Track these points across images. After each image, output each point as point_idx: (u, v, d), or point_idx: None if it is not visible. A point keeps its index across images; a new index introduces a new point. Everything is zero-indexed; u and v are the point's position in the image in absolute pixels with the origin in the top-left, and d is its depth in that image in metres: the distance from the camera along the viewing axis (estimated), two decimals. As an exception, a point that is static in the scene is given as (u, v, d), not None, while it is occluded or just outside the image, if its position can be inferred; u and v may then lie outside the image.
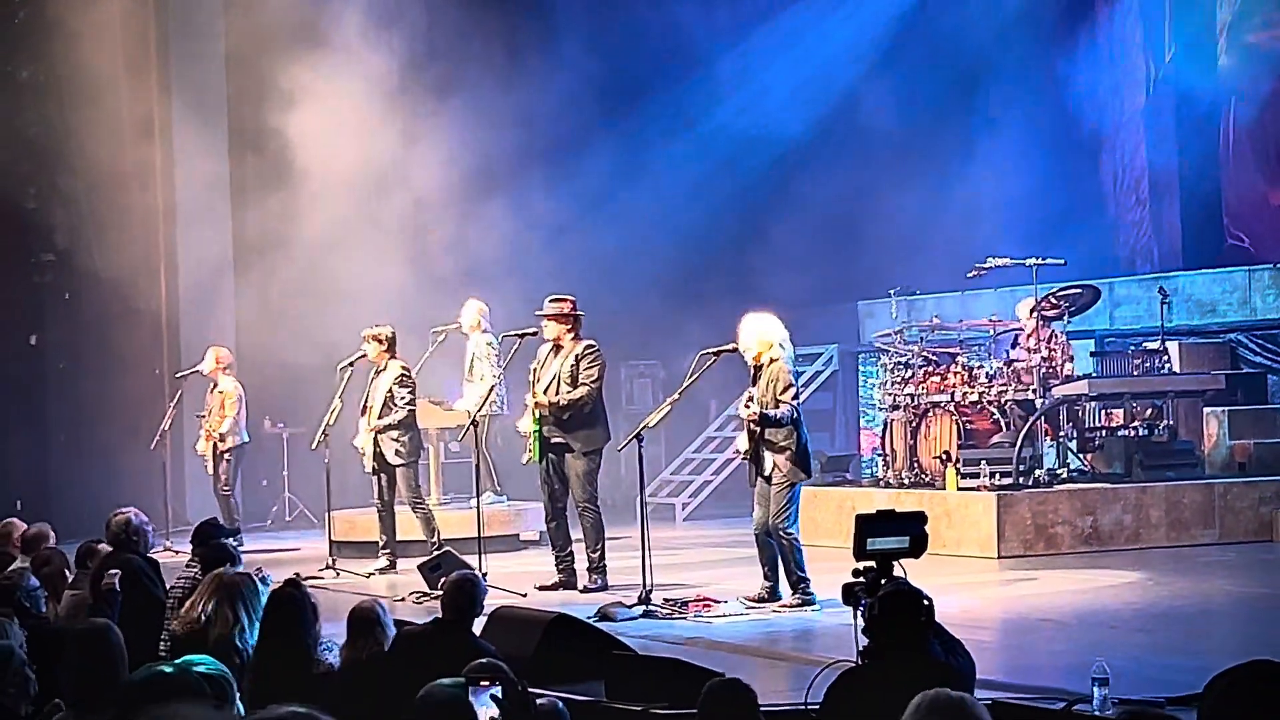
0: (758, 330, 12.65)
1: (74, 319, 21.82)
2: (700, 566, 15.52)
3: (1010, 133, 22.44)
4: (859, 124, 23.00)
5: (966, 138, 22.25)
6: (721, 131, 22.93)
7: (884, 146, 22.77)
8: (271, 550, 17.88)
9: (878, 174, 22.61)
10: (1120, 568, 14.36)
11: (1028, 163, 22.24)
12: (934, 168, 22.35)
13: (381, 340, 15.95)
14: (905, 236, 21.90)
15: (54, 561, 11.20)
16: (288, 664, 7.80)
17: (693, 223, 22.66)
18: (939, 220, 21.48)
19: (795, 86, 22.88)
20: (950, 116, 22.65)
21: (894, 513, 7.56)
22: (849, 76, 23.05)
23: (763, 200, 22.92)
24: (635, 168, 22.48)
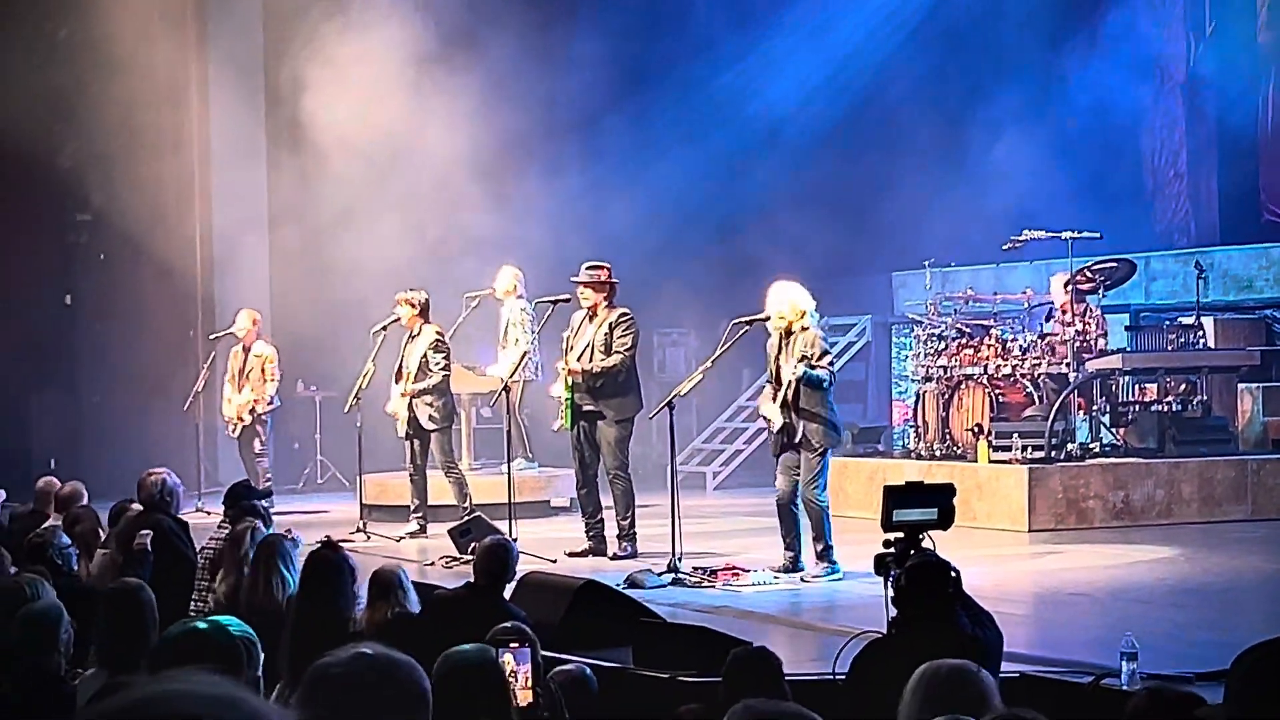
0: (789, 297, 12.63)
1: (108, 279, 21.91)
2: (729, 535, 15.52)
3: (1047, 105, 22.35)
4: (895, 95, 22.91)
5: (1003, 109, 22.11)
6: (756, 102, 22.86)
7: (919, 117, 22.68)
8: (302, 513, 17.92)
9: (912, 145, 22.53)
10: (1151, 543, 14.32)
11: (1065, 136, 22.14)
12: (969, 139, 22.23)
13: (414, 305, 15.94)
14: (940, 208, 21.82)
15: (86, 520, 11.26)
16: (326, 624, 7.82)
17: (727, 192, 22.63)
18: (974, 192, 21.38)
19: (830, 58, 22.80)
20: (987, 88, 22.52)
21: (922, 485, 7.55)
22: (884, 48, 22.96)
23: (797, 170, 22.83)
24: (669, 138, 22.43)
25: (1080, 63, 22.60)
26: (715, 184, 22.59)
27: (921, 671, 4.69)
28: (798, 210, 22.54)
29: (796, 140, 22.79)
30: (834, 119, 22.77)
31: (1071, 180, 21.57)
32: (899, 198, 22.27)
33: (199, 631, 4.73)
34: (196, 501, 17.79)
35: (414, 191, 20.68)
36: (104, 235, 21.75)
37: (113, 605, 6.64)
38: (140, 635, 6.43)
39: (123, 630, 6.49)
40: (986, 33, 22.81)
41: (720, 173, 22.66)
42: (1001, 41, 22.73)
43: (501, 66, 20.96)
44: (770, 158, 22.79)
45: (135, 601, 6.63)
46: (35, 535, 10.18)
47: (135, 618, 6.53)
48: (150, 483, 10.94)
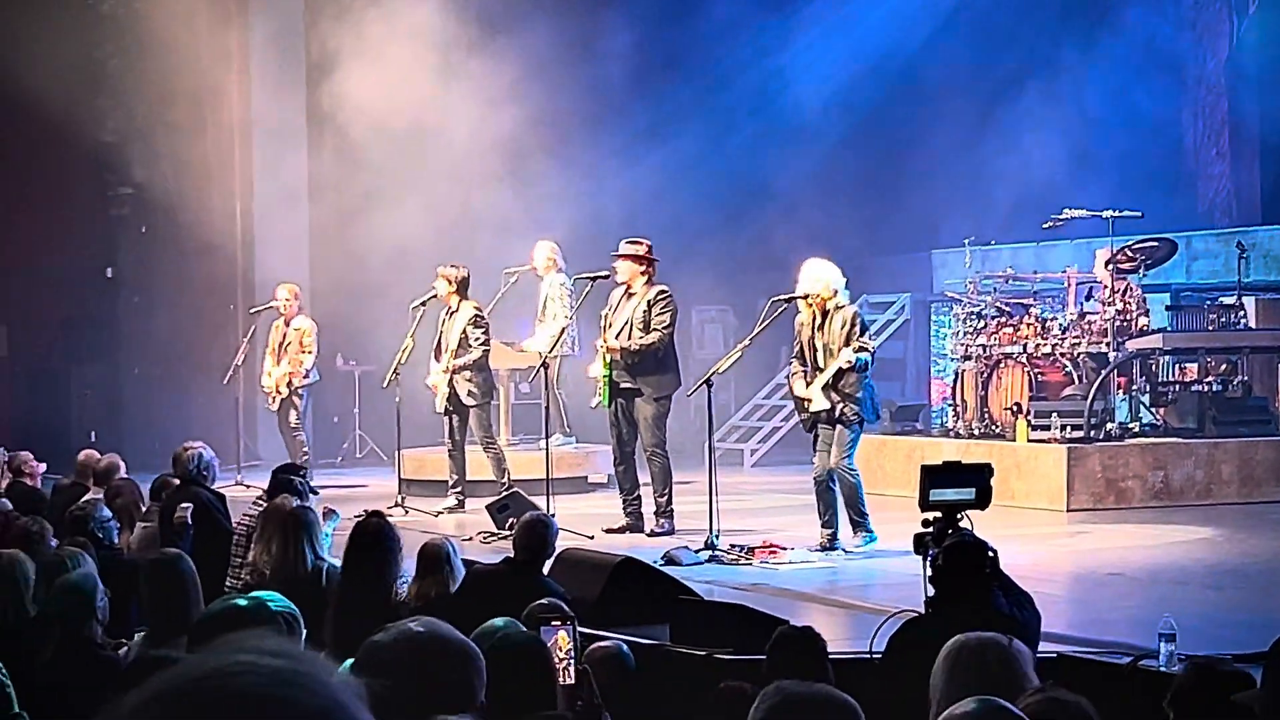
0: (824, 275, 12.66)
1: (149, 252, 21.98)
2: (767, 512, 15.52)
3: (1089, 84, 22.25)
4: (936, 72, 22.85)
5: (1045, 88, 22.03)
6: (796, 80, 22.80)
7: (960, 95, 22.62)
8: (341, 487, 17.97)
9: (953, 123, 22.47)
10: (1190, 523, 14.28)
11: (1106, 114, 22.04)
12: (1010, 117, 22.15)
13: (453, 280, 15.97)
14: (980, 186, 21.75)
15: (127, 493, 11.32)
16: (371, 595, 7.86)
17: (766, 169, 22.58)
18: (1015, 171, 21.30)
19: (870, 35, 22.72)
20: (1029, 67, 22.44)
21: (959, 464, 7.55)
22: (926, 25, 22.87)
23: (838, 148, 22.79)
24: (709, 116, 22.41)
25: (1123, 40, 22.48)
26: (756, 162, 22.54)
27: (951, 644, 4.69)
28: (837, 188, 22.52)
29: (837, 118, 22.72)
30: (875, 97, 22.68)
31: (1113, 159, 21.48)
32: (939, 176, 22.22)
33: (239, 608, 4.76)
34: (236, 475, 17.85)
35: (452, 168, 20.70)
36: (145, 209, 21.81)
37: (153, 576, 6.69)
38: (182, 605, 6.48)
39: (164, 601, 6.54)
40: (1029, 10, 22.70)
41: (761, 150, 22.61)
42: (1044, 18, 22.63)
43: (539, 46, 20.95)
44: (811, 136, 22.72)
45: (175, 572, 6.68)
46: (77, 508, 10.23)
47: (177, 588, 6.58)
48: (187, 456, 11.00)
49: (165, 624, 6.39)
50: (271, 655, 1.99)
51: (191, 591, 6.58)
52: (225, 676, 1.96)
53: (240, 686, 1.95)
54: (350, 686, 2.01)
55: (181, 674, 1.97)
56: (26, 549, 8.61)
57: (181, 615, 6.37)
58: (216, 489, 11.24)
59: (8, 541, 9.01)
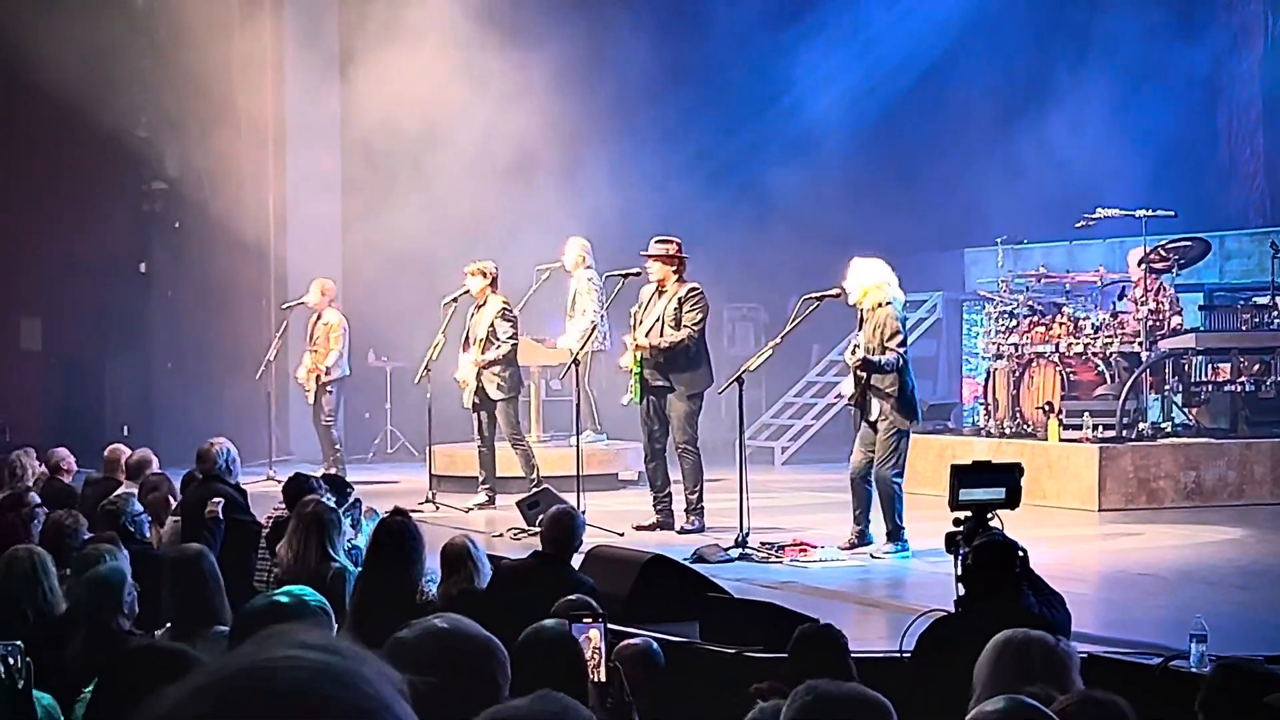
0: (864, 275, 12.64)
1: (182, 248, 22.04)
2: (797, 511, 15.51)
3: (1123, 83, 22.18)
4: (969, 69, 22.81)
5: (1078, 88, 21.99)
6: (828, 80, 22.78)
7: (993, 93, 22.58)
8: (372, 483, 17.99)
9: (986, 120, 22.43)
10: (1222, 524, 14.24)
11: (1140, 113, 21.96)
12: (1044, 117, 22.10)
13: (485, 275, 16.00)
14: (1013, 185, 21.70)
15: (161, 488, 11.37)
16: (393, 593, 7.87)
17: (799, 168, 22.55)
18: (1048, 170, 21.26)
19: (902, 33, 22.70)
20: (1063, 65, 22.40)
21: (989, 464, 7.53)
22: (959, 22, 22.82)
23: (870, 146, 22.77)
24: (740, 113, 22.41)
25: (1156, 41, 22.41)
26: (788, 159, 22.51)
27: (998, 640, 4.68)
28: (870, 186, 22.51)
29: (870, 116, 22.70)
30: (908, 95, 22.67)
31: (1146, 158, 21.41)
32: (971, 174, 22.15)
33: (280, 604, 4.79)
34: (268, 469, 17.91)
35: (483, 164, 20.71)
36: (179, 204, 21.88)
37: (176, 572, 6.72)
38: (204, 601, 6.51)
39: (186, 596, 6.57)
40: (1064, 10, 22.65)
41: (794, 148, 22.58)
42: (1079, 19, 22.56)
43: (570, 45, 20.97)
44: (844, 134, 22.71)
45: (197, 569, 6.71)
46: (109, 502, 10.28)
47: (199, 584, 6.61)
48: (214, 452, 11.05)
49: (188, 619, 6.43)
50: (316, 649, 1.98)
51: (214, 587, 6.62)
52: (269, 670, 1.94)
53: (285, 681, 1.93)
54: (394, 682, 2.00)
55: (225, 667, 1.96)
56: (60, 542, 8.67)
57: (204, 610, 6.41)
58: (239, 484, 11.27)
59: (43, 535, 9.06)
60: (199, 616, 6.39)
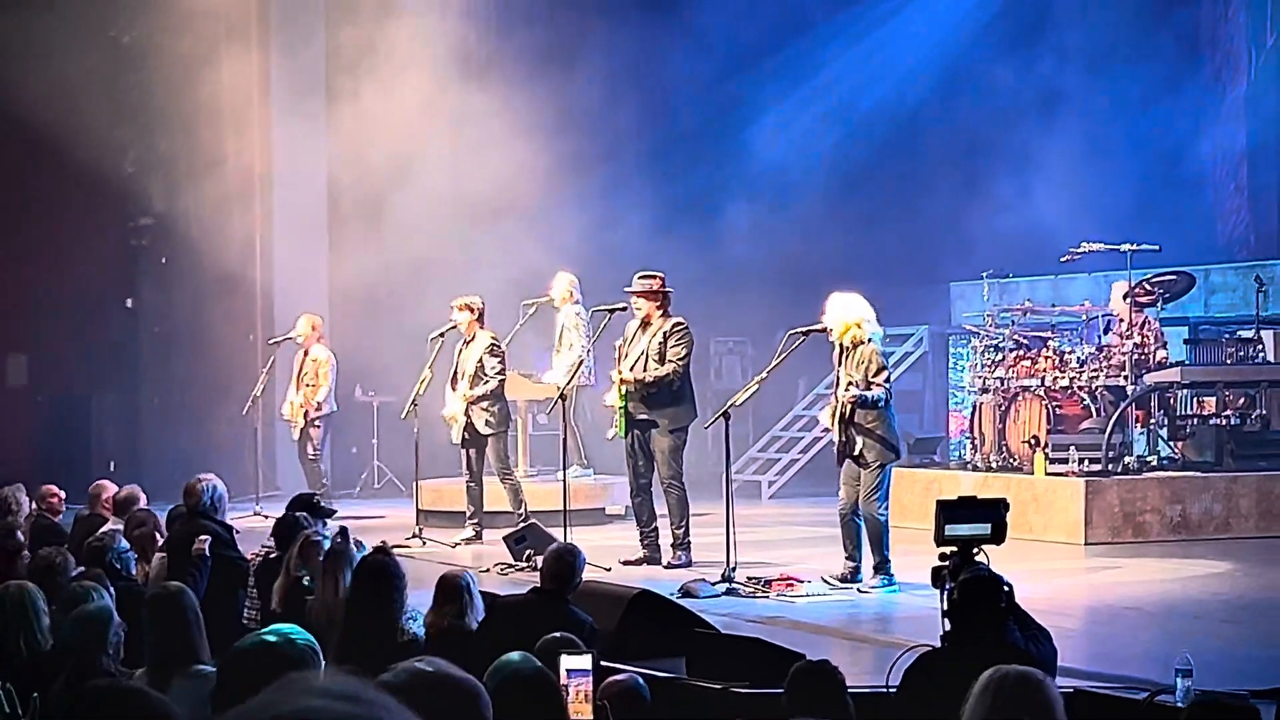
0: (844, 310, 12.67)
1: (170, 283, 22.04)
2: (784, 545, 15.52)
3: (1108, 117, 22.27)
4: (955, 107, 22.89)
5: (1064, 120, 22.06)
6: (817, 114, 22.85)
7: (979, 129, 22.64)
8: (359, 518, 17.97)
9: (972, 156, 22.49)
10: (1209, 557, 14.26)
11: (1125, 147, 22.04)
12: (1029, 149, 22.17)
13: (472, 310, 16.04)
14: (999, 219, 21.75)
15: (147, 524, 11.34)
16: (376, 631, 7.87)
17: (785, 201, 22.61)
18: (1033, 204, 21.33)
19: (893, 72, 22.78)
20: (1049, 99, 22.47)
21: (974, 499, 7.53)
22: (946, 56, 22.91)
23: (857, 180, 22.83)
24: (727, 148, 22.46)
25: (1142, 73, 22.50)
26: (774, 192, 22.57)
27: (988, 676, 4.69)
28: (856, 219, 22.56)
29: (856, 151, 22.76)
30: (894, 129, 22.74)
31: (1131, 192, 21.49)
32: (957, 208, 22.20)
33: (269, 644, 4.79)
34: (255, 505, 17.90)
35: (472, 200, 20.75)
36: (166, 239, 21.89)
37: (156, 610, 6.72)
38: (184, 639, 6.50)
39: (166, 635, 6.56)
40: (1049, 44, 22.72)
41: (780, 181, 22.64)
42: (1064, 52, 22.64)
43: (557, 82, 21.06)
44: (830, 169, 22.77)
45: (178, 606, 6.70)
46: (96, 539, 10.27)
47: (179, 622, 6.60)
48: (198, 489, 11.03)
49: (166, 657, 6.42)
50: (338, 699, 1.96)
51: (194, 625, 6.60)
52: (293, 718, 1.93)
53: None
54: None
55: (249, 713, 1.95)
56: (49, 580, 8.65)
57: (183, 649, 6.40)
58: (226, 521, 11.27)
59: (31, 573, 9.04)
60: (178, 655, 6.39)
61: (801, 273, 20.49)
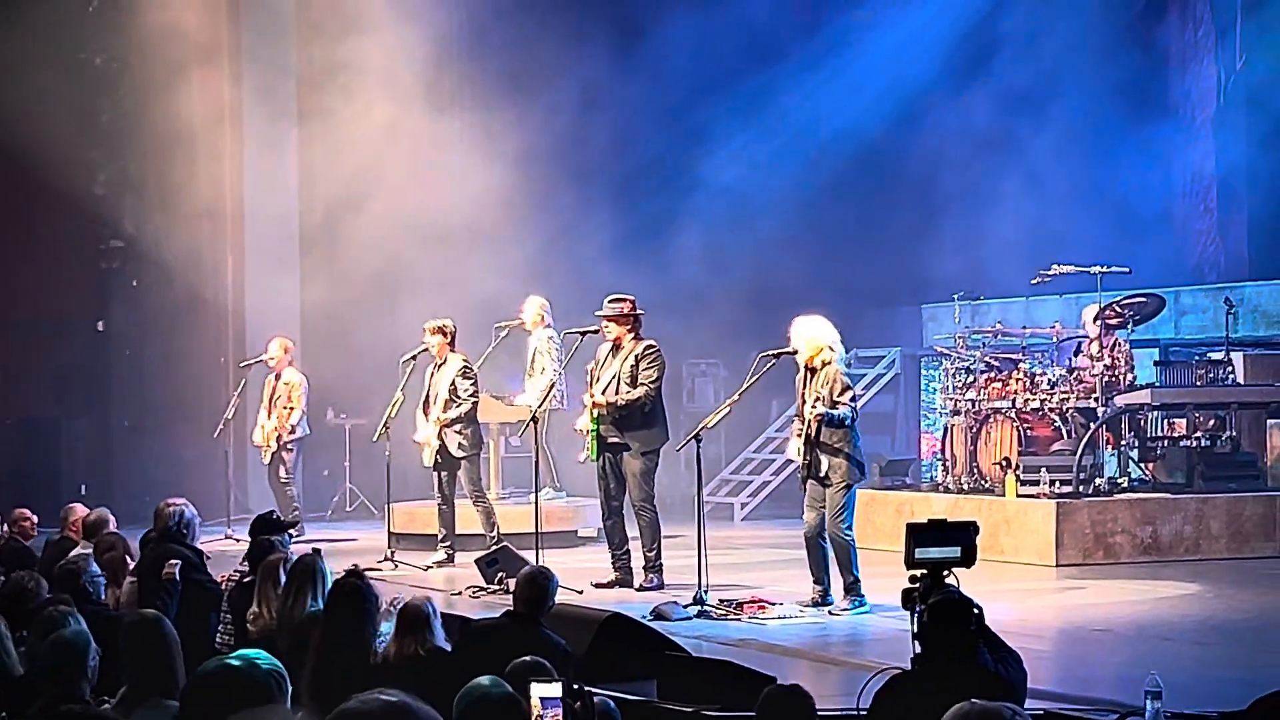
0: (808, 333, 12.70)
1: (140, 306, 21.99)
2: (757, 567, 15.53)
3: (1078, 139, 22.33)
4: (927, 127, 22.92)
5: (1034, 143, 22.11)
6: (787, 136, 22.87)
7: (950, 151, 22.69)
8: (331, 540, 17.94)
9: (944, 178, 22.54)
10: (1179, 579, 14.30)
11: (1095, 169, 22.12)
12: (1000, 173, 22.23)
13: (444, 333, 16.05)
14: (970, 241, 21.82)
15: (117, 548, 11.30)
16: (349, 655, 7.86)
17: (757, 224, 22.63)
18: (1004, 226, 21.38)
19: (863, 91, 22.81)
20: (1017, 123, 22.52)
21: (944, 522, 7.54)
22: (915, 82, 22.97)
23: (828, 202, 22.86)
24: (701, 169, 22.48)
25: (1110, 98, 22.59)
26: (747, 214, 22.59)
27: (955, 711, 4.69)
28: (828, 242, 22.59)
29: (828, 172, 22.78)
30: (866, 151, 22.76)
31: (1101, 214, 21.56)
32: (929, 230, 22.25)
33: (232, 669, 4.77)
34: (225, 528, 17.87)
35: (442, 221, 20.73)
36: (136, 262, 21.84)
37: (133, 636, 6.69)
38: (162, 666, 6.47)
39: (144, 661, 6.54)
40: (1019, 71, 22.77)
41: (752, 203, 22.66)
42: (1033, 77, 22.69)
43: (527, 102, 21.10)
44: (802, 189, 22.77)
45: (156, 632, 6.67)
46: (68, 562, 10.22)
47: (158, 649, 6.57)
48: (167, 513, 10.99)
49: (144, 684, 6.40)
50: None
51: (172, 653, 6.58)
52: None
53: None
54: None
55: None
56: (20, 604, 8.62)
57: (161, 676, 6.38)
58: (197, 546, 11.24)
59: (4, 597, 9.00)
60: (155, 683, 6.36)
61: (775, 295, 20.48)
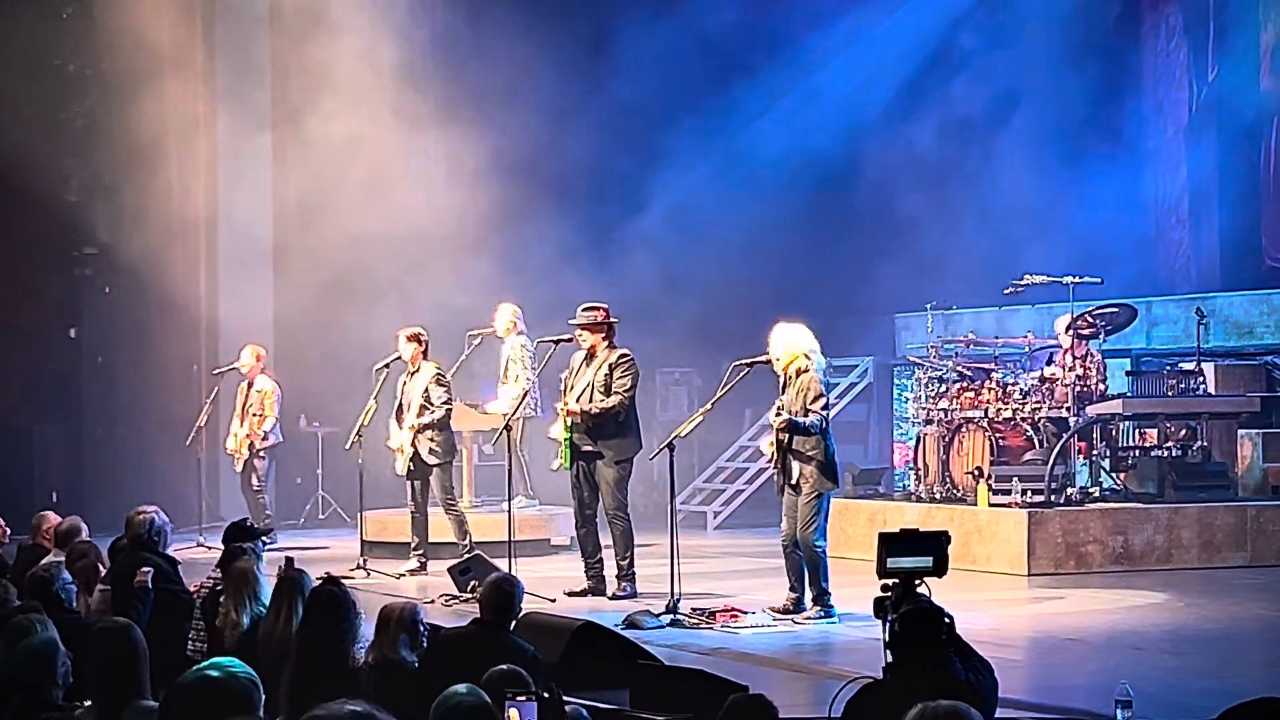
0: (786, 340, 12.72)
1: (113, 313, 21.93)
2: (730, 576, 15.55)
3: (1051, 150, 22.39)
4: (900, 138, 22.97)
5: (1006, 153, 22.19)
6: (761, 144, 22.92)
7: (923, 161, 22.74)
8: (303, 548, 17.92)
9: (917, 188, 22.58)
10: (1150, 588, 14.35)
11: (1068, 180, 22.17)
12: (973, 183, 22.31)
13: (418, 340, 16.04)
14: (943, 251, 21.87)
15: (89, 556, 11.26)
16: (327, 661, 7.85)
17: (732, 232, 22.66)
18: (977, 236, 21.44)
19: (835, 100, 22.88)
20: (990, 132, 22.60)
21: (916, 532, 7.57)
22: (889, 91, 23.04)
23: (802, 211, 22.89)
24: (676, 177, 22.50)
25: (1083, 110, 22.66)
26: (721, 227, 22.62)
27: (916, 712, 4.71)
28: (802, 250, 22.64)
29: (803, 182, 22.82)
30: (840, 161, 22.82)
31: (1074, 224, 21.62)
32: (903, 239, 22.28)
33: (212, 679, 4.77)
34: (198, 536, 17.84)
35: (416, 229, 20.74)
36: (109, 269, 21.78)
37: (102, 644, 6.68)
38: (130, 674, 6.47)
39: (112, 670, 6.53)
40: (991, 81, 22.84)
41: (727, 213, 22.69)
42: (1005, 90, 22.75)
43: (504, 108, 21.12)
44: (776, 199, 22.82)
45: (126, 641, 6.66)
46: (40, 570, 10.19)
47: (126, 657, 6.56)
48: (138, 521, 10.97)
49: (111, 693, 6.39)
50: None
51: (140, 661, 6.57)
52: None
53: None
54: None
55: None
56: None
57: (128, 684, 6.37)
58: (169, 554, 11.21)
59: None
60: (123, 691, 6.35)
61: (749, 304, 20.53)
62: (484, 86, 21.75)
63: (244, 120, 22.07)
